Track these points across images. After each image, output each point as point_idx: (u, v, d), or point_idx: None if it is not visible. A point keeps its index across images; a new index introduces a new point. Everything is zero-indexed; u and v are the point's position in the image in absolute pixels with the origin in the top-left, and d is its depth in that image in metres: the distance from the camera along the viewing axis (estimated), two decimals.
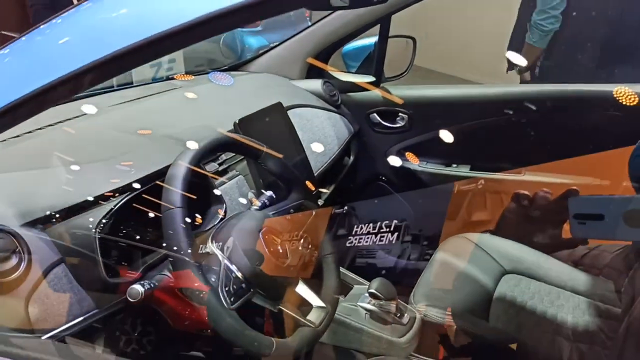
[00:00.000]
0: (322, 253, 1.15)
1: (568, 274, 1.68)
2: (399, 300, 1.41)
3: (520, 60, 2.73)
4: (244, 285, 0.92)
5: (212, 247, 0.94)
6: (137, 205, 0.99)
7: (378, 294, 1.30)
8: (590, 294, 1.61)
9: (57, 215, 0.90)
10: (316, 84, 1.90)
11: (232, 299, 0.88)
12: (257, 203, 1.18)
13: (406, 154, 2.02)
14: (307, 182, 1.24)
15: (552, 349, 1.41)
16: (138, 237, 1.01)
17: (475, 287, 1.59)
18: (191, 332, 0.94)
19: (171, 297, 0.90)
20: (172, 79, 1.80)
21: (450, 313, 1.44)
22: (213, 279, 0.89)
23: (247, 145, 1.06)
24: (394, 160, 2.02)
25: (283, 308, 0.98)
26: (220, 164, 1.29)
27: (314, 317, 1.01)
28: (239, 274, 0.91)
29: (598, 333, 1.48)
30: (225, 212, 1.19)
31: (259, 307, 0.96)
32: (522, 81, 2.77)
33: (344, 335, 1.32)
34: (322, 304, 1.04)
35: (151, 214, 0.98)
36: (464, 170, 1.93)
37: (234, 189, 1.27)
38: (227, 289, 0.89)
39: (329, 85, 1.92)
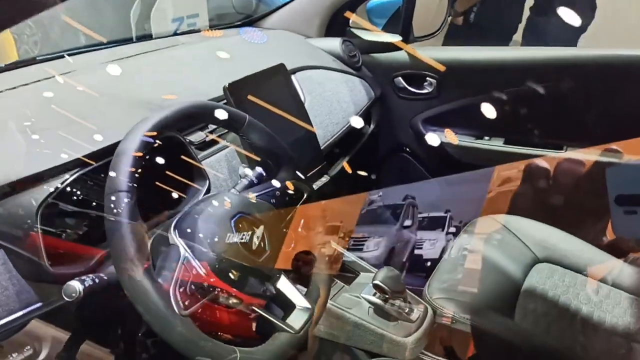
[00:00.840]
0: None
1: (611, 265, 1.48)
2: (409, 292, 1.25)
3: None
4: (206, 284, 0.77)
5: (173, 236, 0.79)
6: (90, 184, 0.84)
7: (384, 286, 1.13)
8: (637, 290, 1.41)
9: None
10: (334, 43, 1.71)
11: (187, 302, 0.73)
12: (245, 181, 1.03)
13: (434, 123, 1.82)
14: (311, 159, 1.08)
15: (586, 355, 1.23)
16: (87, 222, 0.87)
17: (501, 278, 1.41)
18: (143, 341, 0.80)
19: (115, 298, 0.76)
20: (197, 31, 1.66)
21: (469, 309, 1.27)
22: (166, 276, 0.75)
23: (224, 113, 0.89)
24: (420, 130, 1.83)
25: (257, 309, 0.83)
26: (209, 133, 1.13)
27: (295, 320, 0.86)
28: (202, 270, 0.77)
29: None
30: (208, 190, 1.04)
31: (226, 308, 0.82)
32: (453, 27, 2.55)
33: (342, 330, 1.17)
34: (307, 305, 0.88)
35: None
36: (497, 144, 1.73)
37: (222, 162, 1.12)
38: (182, 289, 0.74)
39: (348, 45, 1.73)
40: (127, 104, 1.07)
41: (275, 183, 0.95)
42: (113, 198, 0.71)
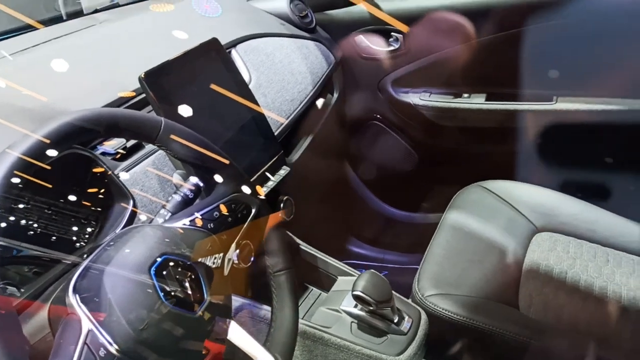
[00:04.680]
0: (271, 271, 0.79)
1: (617, 225, 1.30)
2: (397, 295, 1.06)
3: None
4: None
5: (72, 300, 0.58)
6: None
7: (366, 297, 0.94)
8: None
9: None
10: (281, 4, 1.47)
11: None
12: (177, 198, 0.81)
13: (406, 84, 1.61)
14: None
15: (606, 345, 1.06)
16: None
17: (498, 258, 1.24)
18: None
19: None
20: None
21: (467, 305, 1.08)
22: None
23: (127, 122, 0.67)
24: (390, 93, 1.61)
25: None
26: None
27: None
28: (112, 348, 0.56)
29: None
30: (133, 213, 0.82)
31: None
32: None
33: (324, 355, 0.98)
34: (269, 357, 0.68)
35: None
36: (478, 102, 1.52)
37: (150, 172, 0.90)
38: None
39: (297, 4, 1.48)
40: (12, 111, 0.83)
41: (212, 201, 0.73)
42: None
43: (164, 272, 0.61)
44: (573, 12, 1.34)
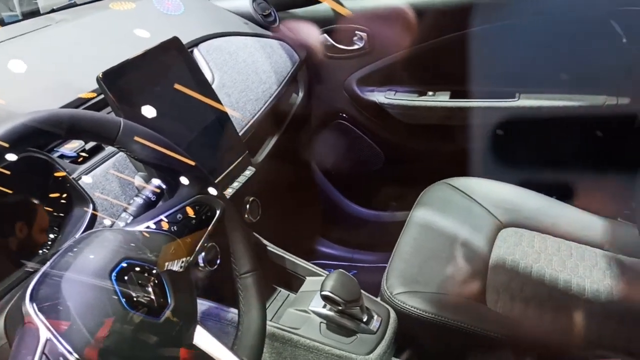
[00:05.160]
0: (237, 273, 0.77)
1: (579, 219, 1.33)
2: (366, 294, 1.05)
3: None
4: None
5: (29, 309, 0.56)
6: None
7: (335, 297, 0.93)
8: (610, 244, 1.27)
9: None
10: (243, 3, 1.45)
11: None
12: (139, 200, 0.79)
13: (371, 82, 1.60)
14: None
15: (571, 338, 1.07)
16: None
17: (465, 254, 1.24)
18: None
19: None
20: None
21: (435, 301, 1.08)
22: None
23: (84, 123, 0.64)
24: (356, 92, 1.61)
25: None
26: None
27: None
28: (72, 357, 0.54)
29: (625, 300, 1.15)
30: (93, 217, 0.80)
31: None
32: None
33: (293, 357, 0.97)
34: None
35: None
36: (442, 99, 1.53)
37: (110, 174, 0.87)
38: None
39: (260, 2, 1.47)
40: None
41: (175, 203, 0.72)
42: None
43: (126, 277, 0.60)
44: (531, 11, 1.36)
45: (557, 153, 1.49)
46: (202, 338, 0.67)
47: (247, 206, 1.10)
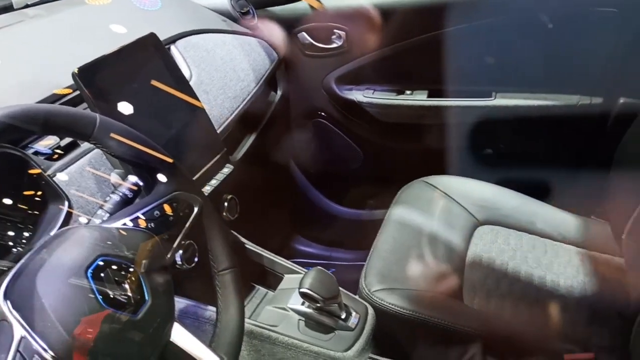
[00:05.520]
0: (215, 270, 0.77)
1: (554, 217, 1.35)
2: (344, 291, 1.06)
3: None
4: None
5: (2, 307, 0.55)
6: None
7: (313, 294, 0.93)
8: (583, 241, 1.29)
9: None
10: (221, 0, 1.44)
11: None
12: (115, 198, 0.78)
13: (349, 81, 1.61)
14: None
15: (547, 332, 1.09)
16: None
17: (443, 251, 1.26)
18: None
19: None
20: None
21: (413, 298, 1.09)
22: None
23: (59, 118, 0.63)
24: (334, 90, 1.61)
25: None
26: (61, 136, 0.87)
27: None
28: (47, 354, 0.53)
29: (598, 296, 1.17)
30: (70, 207, 0.79)
31: None
32: None
33: (271, 354, 0.97)
34: (215, 358, 0.67)
35: None
36: (420, 98, 1.54)
37: (86, 171, 0.86)
38: None
39: (239, 0, 1.46)
40: None
41: (152, 200, 0.71)
42: None
43: (102, 275, 0.59)
44: (507, 10, 1.37)
45: (533, 152, 1.51)
46: (180, 335, 0.67)
47: (225, 204, 1.10)
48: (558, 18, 1.33)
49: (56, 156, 0.86)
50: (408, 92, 1.56)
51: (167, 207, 0.72)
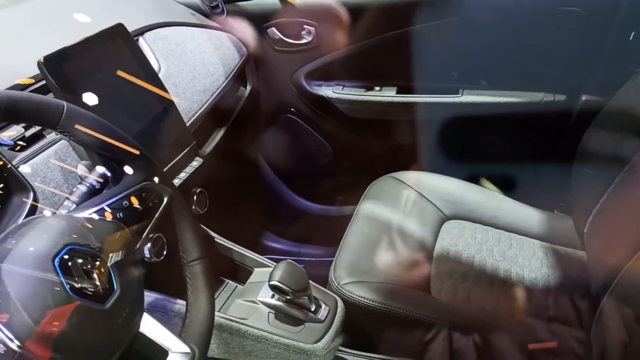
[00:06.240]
0: (185, 261, 0.76)
1: (518, 212, 1.38)
2: (314, 284, 1.06)
3: None
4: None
5: None
6: None
7: (283, 286, 0.93)
8: (547, 235, 1.33)
9: None
10: None
11: None
12: (82, 188, 0.77)
13: (319, 77, 1.61)
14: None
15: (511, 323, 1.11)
16: None
17: (411, 246, 1.27)
18: None
19: None
20: None
21: (382, 291, 1.10)
22: None
23: (24, 105, 0.62)
24: (304, 86, 1.61)
25: None
26: (27, 126, 0.85)
27: None
28: (13, 344, 0.52)
29: (560, 289, 1.20)
30: (35, 199, 0.77)
31: None
32: None
33: (240, 346, 0.97)
34: (185, 348, 0.66)
35: None
36: (389, 95, 1.55)
37: (52, 162, 0.85)
38: None
39: None
40: None
41: (121, 190, 0.70)
42: None
43: (70, 264, 0.58)
44: (474, 8, 1.39)
45: (498, 148, 1.54)
46: (150, 326, 0.66)
47: (195, 197, 1.09)
48: (523, 17, 1.35)
49: (19, 148, 0.84)
50: (377, 88, 1.57)
51: (135, 198, 0.71)
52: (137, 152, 0.72)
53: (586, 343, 1.04)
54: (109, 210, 0.68)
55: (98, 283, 0.59)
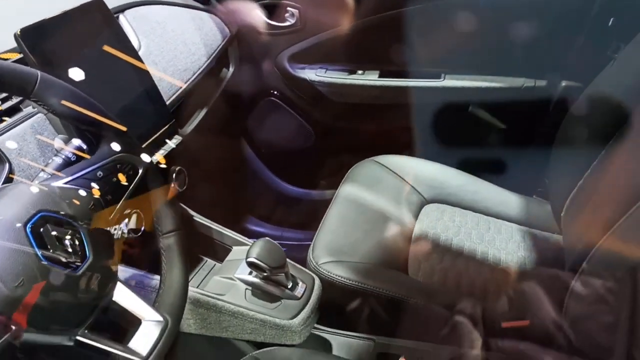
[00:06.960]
0: (160, 233, 0.77)
1: (497, 196, 1.40)
2: (291, 262, 1.07)
3: None
4: None
5: None
6: None
7: (260, 263, 0.94)
8: (525, 219, 1.34)
9: None
10: None
11: None
12: (57, 160, 0.77)
13: (302, 60, 1.61)
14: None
15: (486, 303, 1.13)
16: None
17: (390, 227, 1.28)
18: None
19: None
20: None
21: (359, 270, 1.11)
22: None
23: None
24: (287, 69, 1.61)
25: (82, 339, 0.60)
26: (3, 100, 0.85)
27: (142, 341, 0.64)
28: None
29: (536, 270, 1.22)
30: (9, 177, 0.77)
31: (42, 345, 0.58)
32: None
33: (216, 322, 0.97)
34: (158, 317, 0.67)
35: None
36: (371, 78, 1.56)
37: (28, 135, 0.84)
38: None
39: None
40: None
41: (96, 160, 0.70)
42: None
43: (42, 230, 0.58)
44: None
45: (479, 132, 1.56)
46: (123, 295, 0.67)
47: (174, 175, 1.09)
48: (504, 2, 1.36)
49: None
50: (360, 72, 1.58)
51: (111, 168, 0.71)
52: (113, 124, 0.72)
53: (558, 320, 1.06)
54: (86, 177, 0.68)
55: (70, 250, 0.59)
